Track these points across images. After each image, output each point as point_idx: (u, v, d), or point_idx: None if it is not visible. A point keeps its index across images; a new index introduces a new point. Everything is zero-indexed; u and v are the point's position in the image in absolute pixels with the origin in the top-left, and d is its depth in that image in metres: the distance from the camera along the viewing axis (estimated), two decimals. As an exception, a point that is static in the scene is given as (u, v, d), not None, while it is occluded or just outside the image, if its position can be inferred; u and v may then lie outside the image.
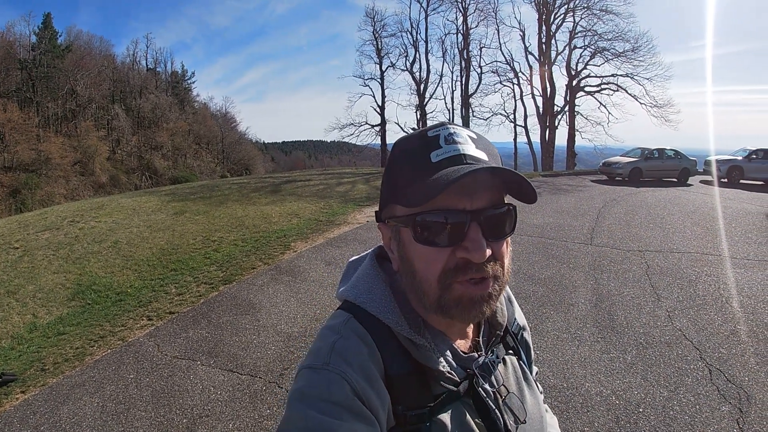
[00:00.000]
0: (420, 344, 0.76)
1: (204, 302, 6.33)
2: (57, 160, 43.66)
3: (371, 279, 0.83)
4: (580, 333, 4.83)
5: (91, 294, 7.43)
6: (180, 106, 64.29)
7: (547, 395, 3.74)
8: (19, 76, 47.13)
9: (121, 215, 12.15)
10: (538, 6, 32.44)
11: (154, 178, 52.05)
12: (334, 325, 0.79)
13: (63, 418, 4.01)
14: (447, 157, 0.72)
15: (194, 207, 13.05)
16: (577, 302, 5.65)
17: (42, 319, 6.83)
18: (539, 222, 9.95)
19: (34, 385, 4.72)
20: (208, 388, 4.24)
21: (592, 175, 21.86)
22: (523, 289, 6.15)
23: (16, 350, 5.96)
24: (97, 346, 5.43)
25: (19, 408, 4.29)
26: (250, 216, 11.51)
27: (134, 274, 8.06)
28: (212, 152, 66.08)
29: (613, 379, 3.96)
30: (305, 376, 0.71)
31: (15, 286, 7.95)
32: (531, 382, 0.94)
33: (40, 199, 38.77)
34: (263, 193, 15.75)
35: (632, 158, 19.97)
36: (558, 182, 18.19)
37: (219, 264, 7.95)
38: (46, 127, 47.08)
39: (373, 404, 0.69)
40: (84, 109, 50.93)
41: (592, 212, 11.10)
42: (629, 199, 13.29)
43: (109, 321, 6.19)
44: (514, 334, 0.96)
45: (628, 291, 5.96)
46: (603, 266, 6.97)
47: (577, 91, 32.30)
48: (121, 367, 4.77)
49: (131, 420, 3.87)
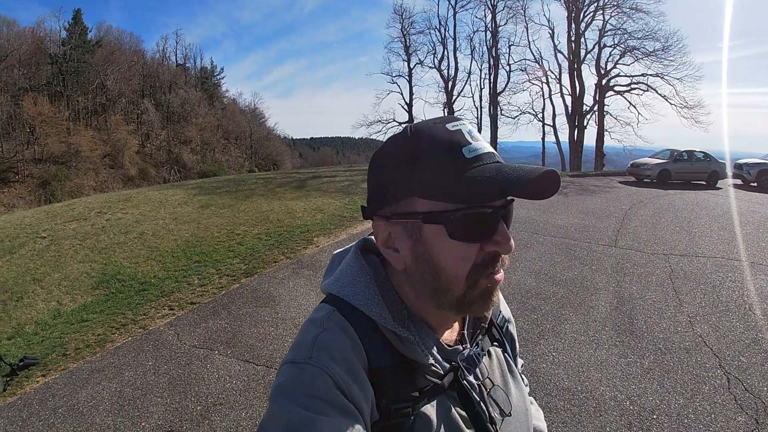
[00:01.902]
0: (404, 337, 0.75)
1: (225, 294, 6.43)
2: (86, 153, 44.60)
3: (355, 272, 0.82)
4: (598, 336, 4.77)
5: (116, 283, 7.57)
6: (209, 101, 65.11)
7: (560, 398, 3.71)
8: (49, 70, 48.26)
9: (147, 207, 12.35)
10: (567, 4, 32.00)
11: (182, 171, 52.79)
12: (317, 319, 0.77)
13: (81, 401, 4.12)
14: (479, 154, 0.71)
15: (220, 201, 13.20)
16: (598, 305, 5.58)
17: (66, 306, 6.99)
18: (564, 222, 9.84)
19: (55, 369, 4.84)
20: (224, 377, 4.30)
21: (620, 176, 21.49)
22: (543, 289, 6.09)
23: (40, 335, 6.12)
24: (118, 333, 5.56)
25: (38, 390, 4.41)
26: (275, 210, 11.60)
27: (158, 264, 8.20)
28: (240, 147, 66.78)
29: (629, 383, 3.91)
30: (287, 370, 0.70)
31: (41, 273, 8.15)
32: (516, 375, 0.93)
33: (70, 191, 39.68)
34: (289, 188, 15.84)
35: (661, 160, 19.56)
36: (585, 183, 17.96)
37: (242, 257, 8.05)
38: (76, 120, 48.12)
39: (357, 398, 0.68)
40: (114, 103, 51.97)
41: (618, 214, 10.93)
42: (656, 202, 13.05)
43: (132, 310, 6.31)
44: (499, 326, 0.95)
45: (650, 295, 5.86)
46: (626, 269, 6.87)
47: (606, 91, 31.78)
48: (141, 354, 4.87)
49: (147, 405, 3.95)
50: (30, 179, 40.97)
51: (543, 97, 35.83)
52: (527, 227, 9.37)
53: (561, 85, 34.25)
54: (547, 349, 4.51)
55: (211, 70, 70.78)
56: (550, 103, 36.09)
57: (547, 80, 34.87)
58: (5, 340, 6.30)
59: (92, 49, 50.38)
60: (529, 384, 1.06)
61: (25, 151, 41.93)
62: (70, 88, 48.37)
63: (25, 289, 7.64)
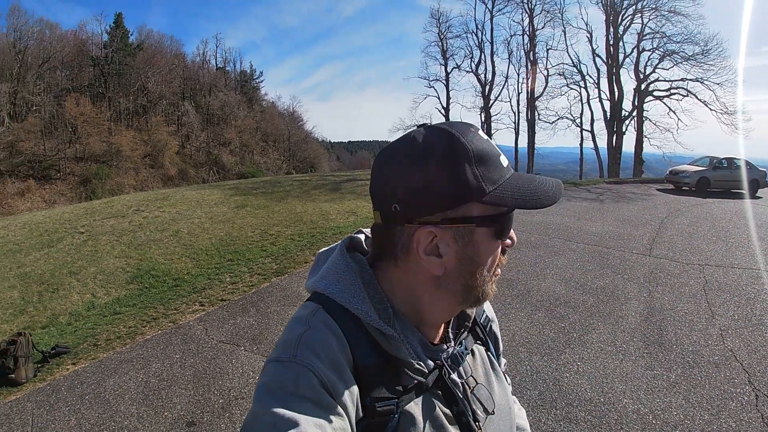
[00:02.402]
0: (389, 335, 0.74)
1: (255, 292, 6.54)
2: (127, 153, 45.68)
3: (341, 269, 0.81)
4: (625, 347, 4.68)
5: (149, 278, 7.79)
6: (248, 104, 66.00)
7: (581, 408, 3.65)
8: (91, 72, 49.62)
9: (184, 206, 12.64)
10: (605, 7, 31.53)
11: (221, 172, 53.62)
12: (302, 317, 0.77)
13: (108, 389, 4.25)
14: (507, 163, 0.76)
15: (255, 201, 13.41)
16: (627, 315, 5.47)
17: (100, 299, 7.22)
18: (598, 230, 9.68)
19: (85, 358, 5.02)
20: (248, 372, 4.38)
21: (659, 183, 21.00)
22: (572, 298, 6.00)
23: (73, 326, 6.35)
24: (149, 326, 5.72)
25: (68, 377, 4.57)
26: (309, 212, 11.73)
27: (192, 262, 8.39)
28: (279, 150, 67.50)
29: (654, 397, 3.83)
30: (272, 369, 0.70)
31: (78, 267, 8.43)
32: (499, 373, 0.94)
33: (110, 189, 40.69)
34: (323, 190, 16.00)
35: (700, 167, 19.05)
36: (622, 190, 17.63)
37: (274, 257, 8.16)
38: (118, 121, 49.36)
39: (342, 396, 0.68)
40: (154, 104, 53.16)
41: (655, 222, 10.69)
42: (694, 210, 12.73)
43: (164, 304, 6.48)
44: (482, 325, 0.96)
45: (682, 306, 5.72)
46: (659, 279, 6.72)
47: (645, 96, 31.15)
48: (169, 347, 5.00)
49: (171, 396, 4.06)
50: (71, 177, 42.24)
51: (581, 101, 35.22)
52: (560, 234, 9.25)
53: (599, 90, 33.74)
54: (572, 359, 4.45)
55: (250, 73, 71.81)
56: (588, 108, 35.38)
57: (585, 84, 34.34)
58: (39, 329, 6.55)
59: (133, 52, 51.63)
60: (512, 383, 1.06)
61: (67, 150, 43.16)
62: (112, 89, 49.65)
63: (62, 281, 7.92)
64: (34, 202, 37.33)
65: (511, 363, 4.37)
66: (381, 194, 0.76)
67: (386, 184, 0.75)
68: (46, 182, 40.81)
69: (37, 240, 10.12)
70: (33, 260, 9.01)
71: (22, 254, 9.38)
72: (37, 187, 39.58)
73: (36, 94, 43.94)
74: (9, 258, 9.25)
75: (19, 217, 14.05)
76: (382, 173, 0.76)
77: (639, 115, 31.40)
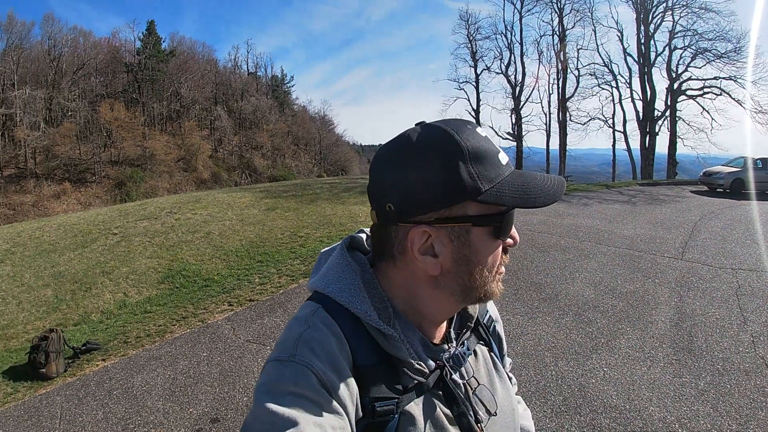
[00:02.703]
0: (389, 334, 0.74)
1: (283, 293, 6.64)
2: (161, 157, 46.64)
3: (341, 269, 0.81)
4: (654, 353, 4.60)
5: (180, 279, 7.94)
6: (280, 108, 66.81)
7: (606, 415, 3.60)
8: (125, 78, 50.83)
9: (216, 209, 12.83)
10: (635, 5, 31.00)
11: (253, 176, 54.24)
12: (302, 316, 0.77)
13: (136, 385, 4.36)
14: (507, 161, 0.76)
15: (285, 204, 13.55)
16: (657, 320, 5.37)
17: (132, 298, 7.39)
18: (630, 233, 9.52)
19: (115, 354, 5.16)
20: (273, 371, 4.42)
21: (692, 185, 20.48)
22: (601, 302, 5.92)
23: (104, 324, 6.52)
24: (178, 325, 5.84)
25: (97, 373, 4.71)
26: (338, 215, 11.81)
27: (222, 263, 8.53)
28: (310, 153, 68.06)
29: (681, 405, 3.75)
30: (271, 368, 0.69)
31: (110, 267, 8.64)
32: (502, 374, 0.93)
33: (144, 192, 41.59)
34: (353, 193, 16.06)
35: (734, 168, 18.50)
36: (655, 192, 17.26)
37: (303, 258, 8.25)
38: (152, 125, 50.46)
39: (341, 395, 0.67)
40: (188, 109, 54.26)
41: (687, 225, 10.45)
42: (728, 213, 12.40)
43: (193, 304, 6.61)
44: (485, 326, 0.95)
45: (714, 311, 5.59)
46: (691, 283, 6.57)
47: (678, 95, 30.48)
48: (197, 346, 5.10)
49: (197, 393, 4.14)
50: (106, 180, 43.29)
51: (613, 102, 34.65)
52: (591, 237, 9.12)
53: (631, 90, 33.04)
54: (598, 364, 4.39)
55: (281, 78, 72.68)
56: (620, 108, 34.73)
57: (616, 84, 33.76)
58: (71, 326, 6.74)
59: (166, 59, 52.67)
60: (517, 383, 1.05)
61: (102, 154, 44.27)
62: (146, 95, 50.79)
63: (94, 280, 8.13)
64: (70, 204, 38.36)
65: (536, 367, 4.33)
66: (376, 194, 0.76)
67: (381, 184, 0.75)
68: (82, 185, 41.91)
69: (71, 240, 10.40)
70: (67, 260, 9.26)
71: (57, 254, 9.64)
72: (73, 189, 40.68)
73: (71, 100, 45.20)
74: (44, 258, 9.52)
75: (55, 218, 14.44)
76: (377, 172, 0.77)
77: (672, 115, 30.74)
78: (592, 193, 16.09)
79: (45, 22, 46.42)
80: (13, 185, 38.95)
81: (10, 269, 9.08)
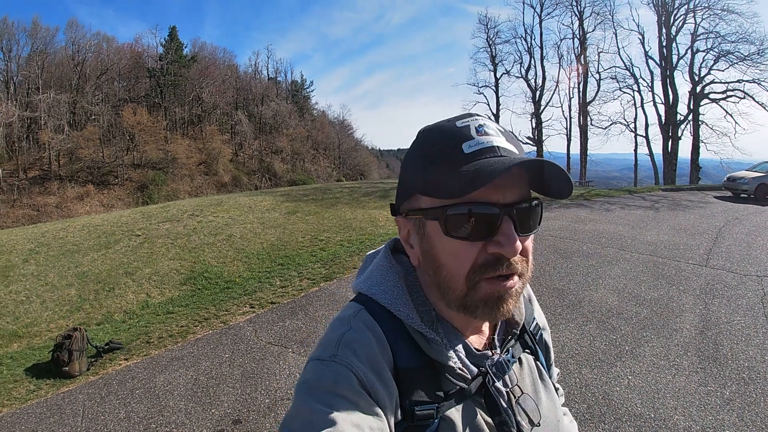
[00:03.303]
0: (430, 338, 0.74)
1: (304, 296, 6.67)
2: (183, 160, 47.26)
3: (385, 271, 0.82)
4: (679, 361, 4.52)
5: (202, 280, 8.02)
6: (299, 113, 67.32)
7: (630, 424, 3.55)
8: (147, 83, 51.76)
9: (237, 212, 12.93)
10: (656, 7, 30.72)
11: (273, 180, 54.71)
12: (344, 317, 0.78)
13: (158, 385, 4.41)
14: (480, 148, 0.69)
15: (306, 208, 13.60)
16: (682, 328, 5.28)
17: (154, 298, 7.48)
18: (653, 239, 9.38)
19: (138, 354, 5.22)
20: (295, 374, 4.46)
21: (716, 190, 20.09)
22: (625, 309, 5.84)
23: (127, 323, 6.61)
24: (200, 326, 5.90)
25: (120, 372, 4.77)
26: (358, 219, 11.86)
27: (244, 265, 8.61)
28: (329, 157, 68.56)
29: (706, 414, 3.68)
30: (313, 367, 0.71)
31: (133, 268, 8.76)
32: (548, 384, 0.91)
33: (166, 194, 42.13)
34: (373, 197, 16.10)
35: (759, 173, 18.04)
36: (678, 197, 16.99)
37: (323, 262, 8.28)
38: (174, 129, 51.25)
39: (381, 397, 0.68)
40: (209, 114, 55.00)
41: (712, 231, 10.26)
42: (753, 219, 12.15)
43: (215, 305, 6.67)
44: (532, 333, 0.93)
45: (739, 319, 5.48)
46: (716, 290, 6.45)
47: (701, 99, 30.04)
48: (219, 347, 5.14)
49: (219, 394, 4.17)
50: (129, 182, 43.99)
51: (635, 106, 34.36)
52: (614, 243, 9.01)
53: (653, 94, 32.78)
54: (623, 372, 4.33)
55: (301, 83, 73.38)
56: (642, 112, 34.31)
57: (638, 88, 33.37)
58: (95, 325, 6.84)
59: (188, 64, 53.48)
60: (564, 394, 1.04)
61: (125, 157, 45.02)
62: (168, 99, 51.63)
63: (117, 281, 8.24)
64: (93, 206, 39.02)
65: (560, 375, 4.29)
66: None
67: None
68: (105, 187, 42.64)
69: (95, 241, 10.55)
70: (91, 260, 9.40)
71: (81, 254, 9.79)
72: (96, 191, 41.40)
73: (94, 104, 46.11)
74: (68, 258, 9.67)
75: (78, 219, 14.67)
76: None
77: (695, 119, 30.32)
78: (614, 199, 15.90)
79: (69, 27, 47.60)
80: (37, 187, 39.74)
81: (35, 268, 9.25)
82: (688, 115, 30.88)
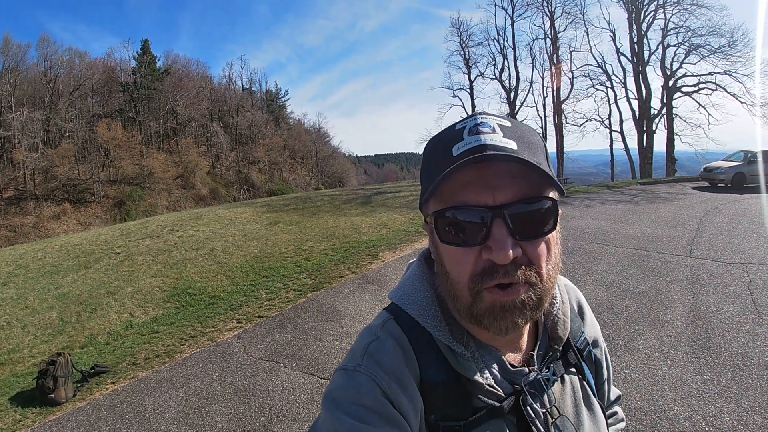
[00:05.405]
0: (458, 352, 0.72)
1: (291, 308, 6.59)
2: (159, 174, 46.77)
3: (416, 281, 0.80)
4: (673, 352, 4.55)
5: (186, 297, 7.88)
6: (275, 123, 67.10)
7: (631, 418, 3.55)
8: (121, 97, 51.17)
9: (217, 225, 12.78)
10: (626, 5, 31.10)
11: (251, 190, 54.50)
12: (373, 326, 0.78)
13: (148, 408, 4.29)
14: (467, 149, 0.65)
15: (287, 218, 13.52)
16: (672, 319, 5.32)
17: (138, 318, 7.32)
18: (636, 233, 9.48)
19: (125, 377, 5.09)
20: (288, 389, 4.37)
21: (693, 181, 20.49)
22: (615, 303, 5.88)
23: (111, 345, 6.45)
24: (187, 344, 5.78)
25: (107, 397, 4.64)
26: (341, 227, 11.77)
27: (228, 279, 8.48)
28: (307, 166, 68.53)
29: (705, 403, 3.70)
30: (339, 377, 0.72)
31: (115, 287, 8.58)
32: (595, 408, 0.84)
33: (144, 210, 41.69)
34: (354, 204, 16.08)
35: (735, 162, 18.39)
36: (656, 190, 17.26)
37: (308, 272, 8.20)
38: (149, 144, 50.73)
39: (404, 408, 0.67)
40: (184, 127, 54.50)
41: (693, 222, 10.41)
42: (732, 207, 12.36)
43: (201, 322, 6.55)
44: (579, 350, 0.85)
45: (728, 307, 5.54)
46: (702, 280, 6.52)
47: (673, 92, 30.47)
48: (208, 366, 5.03)
49: (212, 415, 4.07)
50: (106, 199, 43.37)
51: (608, 102, 34.56)
52: (597, 238, 9.08)
53: (626, 89, 33.14)
54: (619, 367, 4.34)
55: (276, 92, 73.02)
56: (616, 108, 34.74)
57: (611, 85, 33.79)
58: (78, 348, 6.66)
59: (161, 77, 53.05)
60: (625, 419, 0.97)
61: (101, 173, 44.37)
62: (142, 113, 51.06)
63: (99, 301, 8.06)
64: (70, 224, 38.39)
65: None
66: None
67: None
68: (81, 205, 41.97)
69: (74, 261, 10.33)
70: (71, 281, 9.19)
71: (60, 275, 9.57)
72: (73, 210, 40.73)
73: (68, 121, 45.34)
74: (47, 279, 9.45)
75: (56, 239, 14.38)
76: None
77: (668, 112, 30.74)
78: (594, 194, 16.09)
79: (40, 43, 46.81)
80: (13, 207, 38.98)
81: (14, 292, 9.01)
82: (661, 109, 31.32)
